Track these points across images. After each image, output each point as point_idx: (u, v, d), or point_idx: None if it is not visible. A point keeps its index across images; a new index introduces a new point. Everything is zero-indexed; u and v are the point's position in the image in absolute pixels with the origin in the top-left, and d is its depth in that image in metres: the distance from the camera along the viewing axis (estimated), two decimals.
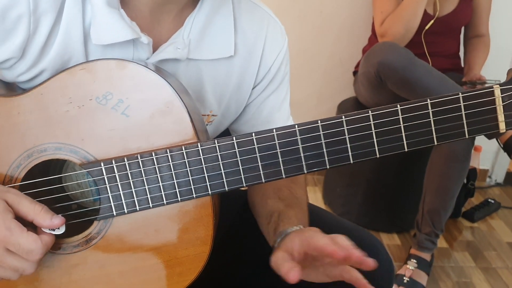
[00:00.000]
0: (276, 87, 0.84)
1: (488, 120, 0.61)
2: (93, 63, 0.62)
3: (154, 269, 0.66)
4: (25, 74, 0.67)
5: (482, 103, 0.60)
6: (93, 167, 0.62)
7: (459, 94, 0.60)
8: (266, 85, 0.83)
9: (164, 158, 0.61)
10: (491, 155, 2.39)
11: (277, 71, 0.83)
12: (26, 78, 0.68)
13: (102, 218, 0.64)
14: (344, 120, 0.59)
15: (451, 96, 0.60)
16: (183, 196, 0.62)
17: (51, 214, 0.60)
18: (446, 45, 1.92)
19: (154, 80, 0.62)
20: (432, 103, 0.59)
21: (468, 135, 0.61)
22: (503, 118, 0.61)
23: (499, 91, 0.60)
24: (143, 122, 0.62)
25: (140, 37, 0.67)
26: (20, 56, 0.65)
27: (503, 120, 0.61)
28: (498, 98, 0.60)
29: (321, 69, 2.26)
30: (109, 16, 0.65)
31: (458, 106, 0.60)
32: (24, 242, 0.57)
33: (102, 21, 0.65)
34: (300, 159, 0.61)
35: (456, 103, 0.60)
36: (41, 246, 0.58)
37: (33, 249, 0.57)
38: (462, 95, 0.60)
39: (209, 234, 0.65)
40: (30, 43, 0.65)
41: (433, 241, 1.67)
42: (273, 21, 0.82)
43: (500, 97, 0.60)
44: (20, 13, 0.62)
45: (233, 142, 0.60)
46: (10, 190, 0.61)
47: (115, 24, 0.65)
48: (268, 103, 0.84)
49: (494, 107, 0.60)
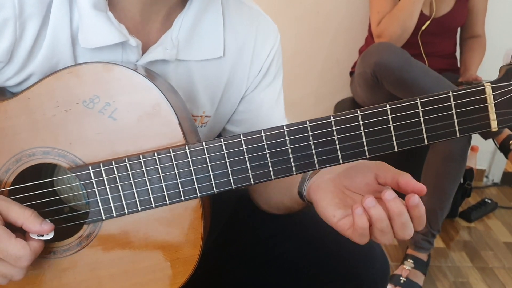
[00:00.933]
0: (269, 82, 0.84)
1: (480, 119, 0.60)
2: (79, 67, 0.61)
3: (144, 272, 0.66)
4: (13, 79, 0.67)
5: (473, 101, 0.59)
6: (81, 171, 0.61)
7: (450, 93, 0.59)
8: (260, 80, 0.83)
9: (152, 161, 0.61)
10: (488, 155, 2.39)
11: (269, 67, 0.83)
12: (14, 82, 0.67)
13: (91, 221, 0.63)
14: (333, 120, 0.59)
15: (441, 95, 0.59)
16: (172, 199, 0.62)
17: (41, 219, 0.59)
18: (442, 45, 1.93)
19: (141, 83, 0.61)
20: (422, 102, 0.59)
21: (460, 134, 0.60)
22: (494, 116, 0.60)
23: (490, 89, 0.59)
24: (131, 125, 0.62)
25: (128, 39, 0.67)
26: (7, 60, 0.65)
27: (494, 118, 0.60)
28: (489, 96, 0.59)
29: (318, 69, 2.26)
30: (96, 19, 0.65)
31: (448, 105, 0.59)
32: (12, 249, 0.56)
33: (89, 25, 0.65)
34: (289, 160, 0.60)
35: (446, 102, 0.59)
36: (30, 252, 0.57)
37: (21, 256, 0.57)
38: (453, 94, 0.59)
39: (198, 237, 0.65)
40: (17, 47, 0.64)
41: (430, 241, 1.67)
42: (263, 18, 0.82)
43: (491, 95, 0.59)
44: (5, 17, 0.61)
45: (221, 144, 0.60)
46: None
47: (102, 27, 0.65)
48: (263, 101, 0.84)
49: (486, 105, 0.59)
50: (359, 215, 0.58)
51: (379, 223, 0.58)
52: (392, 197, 0.57)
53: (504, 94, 0.60)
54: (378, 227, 0.58)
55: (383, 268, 0.83)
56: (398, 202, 0.57)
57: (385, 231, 0.59)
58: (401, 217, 0.58)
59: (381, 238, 0.60)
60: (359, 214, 0.58)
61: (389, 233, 0.59)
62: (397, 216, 0.58)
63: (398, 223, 0.58)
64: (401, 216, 0.58)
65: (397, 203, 0.57)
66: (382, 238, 0.60)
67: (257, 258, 0.88)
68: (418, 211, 0.58)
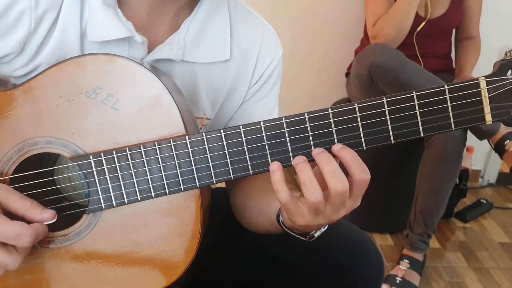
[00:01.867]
0: (266, 93, 0.85)
1: (474, 112, 0.61)
2: (83, 58, 0.63)
3: (143, 262, 0.66)
4: (21, 69, 0.68)
5: (467, 95, 0.61)
6: (82, 161, 0.62)
7: (445, 86, 0.60)
8: (256, 90, 0.84)
9: (153, 151, 0.62)
10: (483, 156, 2.41)
11: (268, 78, 0.84)
12: (22, 73, 0.69)
13: (91, 211, 0.64)
14: (331, 112, 0.60)
15: (436, 88, 0.60)
16: (171, 189, 0.63)
17: (41, 208, 0.60)
18: (437, 46, 1.94)
19: (143, 75, 0.62)
20: (418, 95, 0.60)
21: (455, 127, 0.61)
22: (489, 109, 0.61)
23: (484, 83, 0.61)
24: (132, 116, 0.63)
25: (134, 35, 0.68)
26: (19, 51, 0.67)
27: (489, 111, 0.61)
28: (483, 90, 0.61)
29: (314, 70, 2.27)
30: (105, 14, 0.66)
31: (444, 98, 0.60)
32: (10, 228, 0.57)
33: (97, 19, 0.67)
34: (287, 151, 0.61)
35: (442, 95, 0.60)
36: (29, 230, 0.57)
37: (20, 232, 0.57)
38: (448, 87, 0.60)
39: (197, 227, 0.65)
40: (30, 39, 0.66)
41: (426, 241, 1.67)
42: (268, 30, 0.84)
43: (485, 89, 0.61)
44: (22, 9, 0.64)
45: (220, 134, 0.61)
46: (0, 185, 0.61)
47: (110, 22, 0.67)
48: (257, 110, 0.85)
49: (480, 99, 0.61)
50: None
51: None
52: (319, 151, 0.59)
53: (498, 88, 0.61)
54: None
55: (377, 266, 0.83)
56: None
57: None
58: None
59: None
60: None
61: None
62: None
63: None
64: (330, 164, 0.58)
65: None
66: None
67: (252, 258, 0.88)
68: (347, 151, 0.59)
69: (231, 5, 0.79)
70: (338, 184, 0.57)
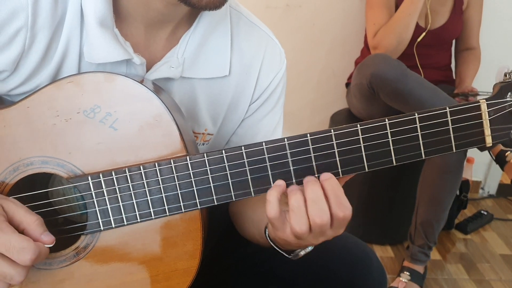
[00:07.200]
0: (270, 109, 0.84)
1: (475, 134, 0.61)
2: (81, 76, 0.62)
3: (142, 283, 0.65)
4: (18, 88, 0.67)
5: (468, 117, 0.61)
6: (80, 182, 0.61)
7: (446, 109, 0.60)
8: (259, 105, 0.82)
9: (153, 172, 0.61)
10: (483, 167, 2.40)
11: (272, 92, 0.82)
12: (20, 92, 0.67)
13: (89, 233, 0.63)
14: (333, 134, 0.59)
15: (438, 111, 0.60)
16: (172, 211, 0.62)
17: (43, 229, 0.58)
18: (437, 57, 1.94)
19: (143, 93, 0.62)
20: (420, 117, 0.60)
21: (456, 149, 0.61)
22: (489, 132, 0.62)
23: (485, 106, 0.61)
24: (132, 135, 0.62)
25: (133, 58, 0.67)
26: (12, 70, 0.65)
27: (489, 134, 0.62)
28: (484, 113, 0.61)
29: (314, 81, 2.27)
30: (101, 36, 0.65)
31: (445, 120, 0.60)
32: (15, 239, 0.55)
33: (94, 41, 0.65)
34: (289, 172, 0.60)
35: (443, 118, 0.60)
36: (34, 246, 0.56)
37: (24, 246, 0.55)
38: (449, 110, 0.60)
39: (197, 248, 0.64)
40: (24, 58, 0.64)
41: (426, 253, 1.66)
42: (272, 42, 0.82)
43: (486, 111, 0.61)
44: (18, 27, 0.62)
45: (222, 155, 0.60)
46: (8, 198, 0.60)
47: (107, 44, 0.65)
48: (261, 126, 0.84)
49: (481, 121, 0.61)
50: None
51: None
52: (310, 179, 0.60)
53: (499, 111, 0.61)
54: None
55: (380, 278, 0.82)
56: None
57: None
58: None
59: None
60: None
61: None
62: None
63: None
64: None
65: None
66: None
67: (252, 271, 0.88)
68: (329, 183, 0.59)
69: (234, 17, 0.78)
70: (316, 216, 0.58)
